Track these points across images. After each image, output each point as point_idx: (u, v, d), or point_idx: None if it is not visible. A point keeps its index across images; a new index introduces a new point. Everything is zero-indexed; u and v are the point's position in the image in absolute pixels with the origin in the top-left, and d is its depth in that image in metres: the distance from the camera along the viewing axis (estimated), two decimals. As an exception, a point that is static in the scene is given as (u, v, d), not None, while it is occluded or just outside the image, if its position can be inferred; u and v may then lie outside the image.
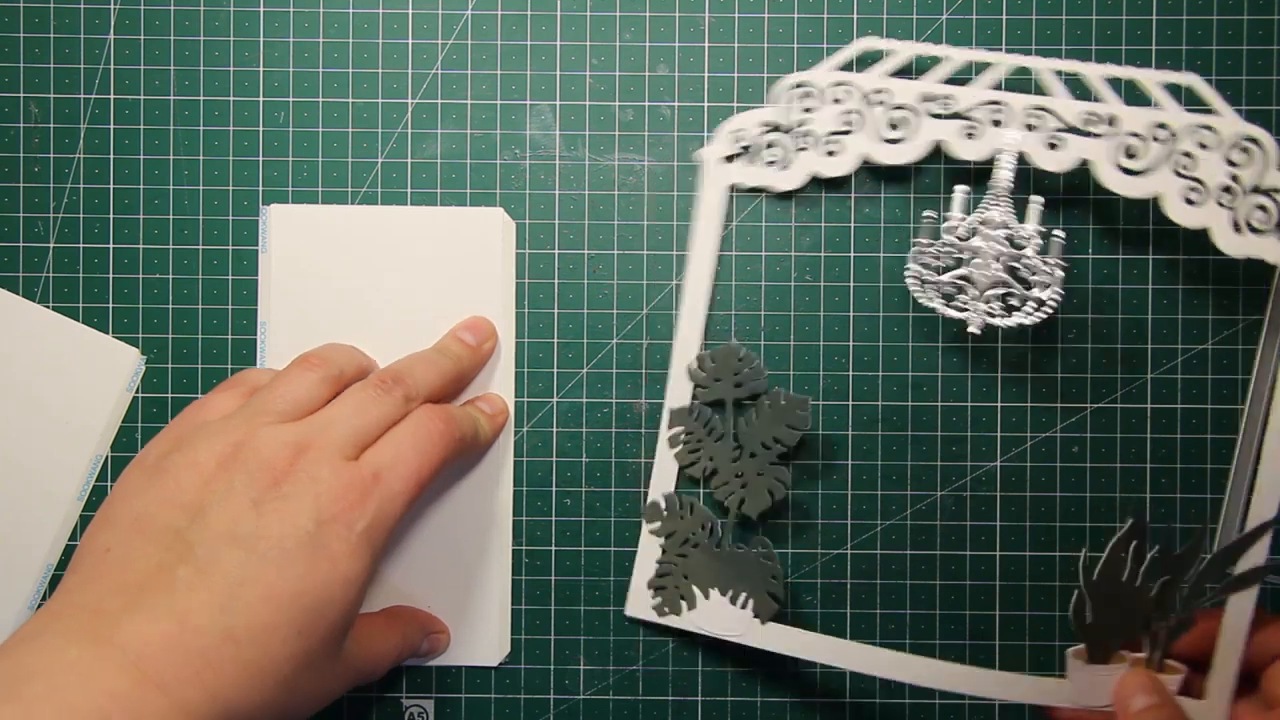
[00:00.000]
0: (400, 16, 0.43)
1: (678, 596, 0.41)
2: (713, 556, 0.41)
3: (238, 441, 0.35)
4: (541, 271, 0.43)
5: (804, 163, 0.39)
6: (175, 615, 0.31)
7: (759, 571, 0.41)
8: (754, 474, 0.41)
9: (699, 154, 0.39)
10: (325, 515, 0.34)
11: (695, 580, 0.41)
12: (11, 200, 0.43)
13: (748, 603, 0.41)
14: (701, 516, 0.42)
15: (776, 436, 0.41)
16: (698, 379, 0.42)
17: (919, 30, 0.43)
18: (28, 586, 0.43)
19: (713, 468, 0.42)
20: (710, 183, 0.40)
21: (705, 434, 0.42)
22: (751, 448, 0.41)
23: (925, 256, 0.40)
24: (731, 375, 0.41)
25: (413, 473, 0.36)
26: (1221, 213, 0.39)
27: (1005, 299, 0.40)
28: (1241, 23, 0.43)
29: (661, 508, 0.42)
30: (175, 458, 0.35)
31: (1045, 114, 0.39)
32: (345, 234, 0.43)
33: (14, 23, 0.43)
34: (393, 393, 0.38)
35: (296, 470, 0.34)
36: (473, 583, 0.43)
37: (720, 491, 0.42)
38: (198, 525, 0.33)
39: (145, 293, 0.43)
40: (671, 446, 0.42)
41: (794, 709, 0.43)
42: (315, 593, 0.33)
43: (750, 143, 0.39)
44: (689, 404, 0.42)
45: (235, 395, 0.38)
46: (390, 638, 0.40)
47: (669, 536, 0.42)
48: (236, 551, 0.33)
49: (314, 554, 0.33)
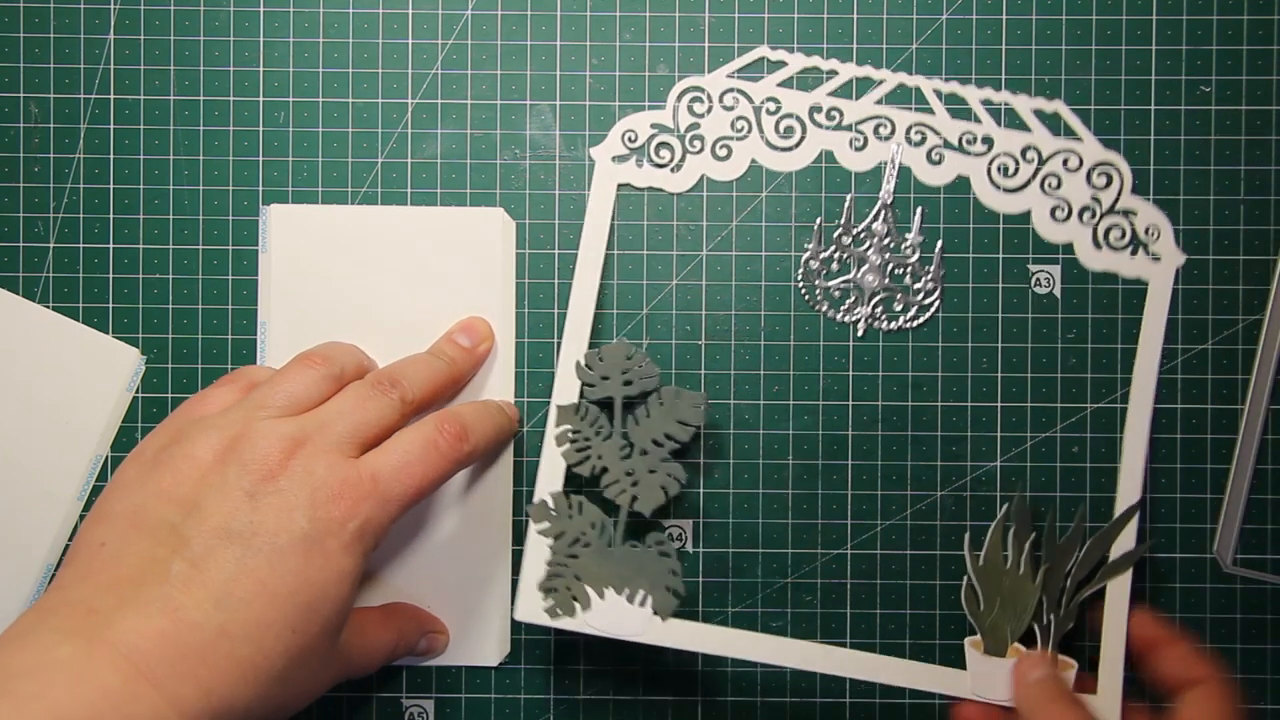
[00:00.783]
0: (400, 16, 0.43)
1: (570, 598, 0.41)
2: (605, 556, 0.41)
3: (235, 435, 0.35)
4: (541, 271, 0.43)
5: (694, 165, 0.40)
6: (169, 611, 0.31)
7: (656, 568, 0.40)
8: (645, 471, 0.41)
9: (591, 151, 0.40)
10: (320, 512, 0.34)
11: (588, 580, 0.41)
12: (11, 200, 0.43)
13: (646, 600, 0.40)
14: (591, 515, 0.41)
15: (668, 433, 0.41)
16: (585, 377, 0.41)
17: (919, 30, 0.43)
18: (28, 586, 0.43)
19: (602, 466, 0.41)
20: (599, 181, 0.41)
21: (593, 433, 0.41)
22: (642, 445, 0.41)
23: (814, 262, 0.42)
24: (620, 373, 0.41)
25: (414, 482, 0.36)
26: (1084, 229, 0.42)
27: (889, 303, 0.42)
28: (1241, 23, 0.43)
29: (549, 507, 0.41)
30: (172, 451, 0.35)
31: (927, 130, 0.42)
32: (345, 234, 0.43)
33: (14, 23, 0.43)
34: (389, 394, 0.38)
35: (292, 464, 0.34)
36: (473, 583, 0.43)
37: (611, 490, 0.41)
38: (193, 519, 0.33)
39: (145, 293, 0.43)
40: (558, 445, 0.41)
41: (794, 709, 0.43)
42: (310, 589, 0.33)
43: (641, 143, 0.40)
44: (576, 402, 0.41)
45: (234, 390, 0.38)
46: (385, 633, 0.40)
47: (558, 537, 0.41)
48: (232, 547, 0.33)
49: (308, 550, 0.33)
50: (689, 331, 0.43)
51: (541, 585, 0.41)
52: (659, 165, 0.41)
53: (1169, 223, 0.42)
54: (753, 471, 0.43)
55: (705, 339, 0.43)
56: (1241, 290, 0.43)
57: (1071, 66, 0.43)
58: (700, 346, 0.43)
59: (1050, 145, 0.42)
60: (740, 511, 0.43)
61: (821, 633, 0.43)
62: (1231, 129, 0.43)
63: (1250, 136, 0.43)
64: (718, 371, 0.43)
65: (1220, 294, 0.43)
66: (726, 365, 0.43)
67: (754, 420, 0.43)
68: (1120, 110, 0.43)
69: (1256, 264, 0.43)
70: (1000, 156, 0.42)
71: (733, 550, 0.43)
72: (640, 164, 0.40)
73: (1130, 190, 0.42)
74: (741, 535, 0.43)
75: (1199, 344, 0.43)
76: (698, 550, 0.43)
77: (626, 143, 0.40)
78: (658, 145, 0.40)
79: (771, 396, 0.43)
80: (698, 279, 0.43)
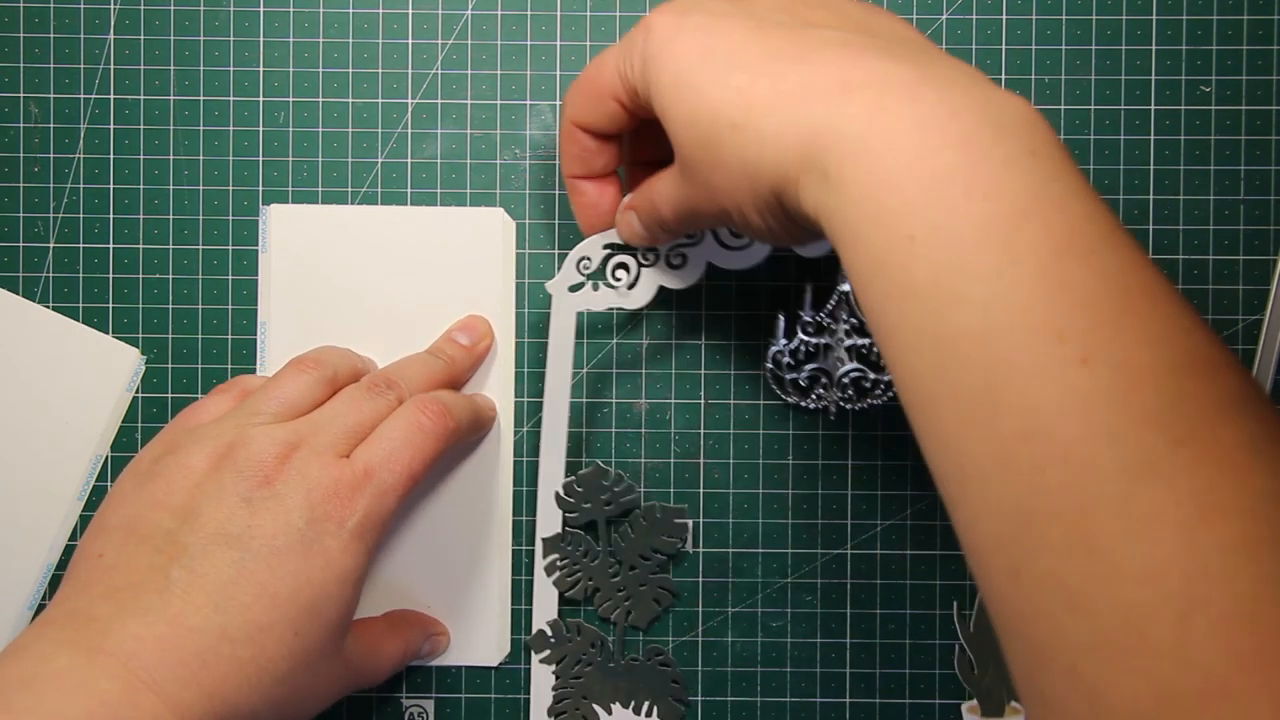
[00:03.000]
0: (400, 16, 0.43)
1: (580, 718, 0.42)
2: (608, 673, 0.42)
3: (229, 443, 0.35)
4: (541, 271, 0.43)
5: (650, 278, 0.40)
6: (168, 617, 0.31)
7: (659, 679, 0.42)
8: (637, 586, 0.42)
9: (547, 286, 0.40)
10: (317, 512, 0.34)
11: (595, 699, 0.42)
12: (11, 200, 0.43)
13: (653, 710, 0.42)
14: (590, 636, 0.42)
15: (655, 547, 0.42)
16: (566, 506, 0.42)
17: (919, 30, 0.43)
18: (28, 586, 0.43)
19: (594, 587, 0.42)
20: (558, 313, 0.40)
21: (581, 556, 0.42)
22: (631, 561, 0.42)
23: (781, 354, 0.41)
24: (600, 496, 0.42)
25: (404, 467, 0.36)
26: None
27: (858, 384, 0.41)
28: (1241, 23, 0.43)
29: (548, 635, 0.42)
30: (167, 460, 0.35)
31: None
32: (345, 234, 0.43)
33: (14, 23, 0.43)
34: (385, 395, 0.38)
35: (287, 468, 0.34)
36: (473, 583, 0.43)
37: (605, 608, 0.42)
38: (189, 526, 0.33)
39: (145, 293, 0.43)
40: (548, 574, 0.42)
41: (794, 709, 0.43)
42: (311, 590, 0.33)
43: (595, 268, 0.40)
44: (560, 531, 0.42)
45: (228, 399, 0.38)
46: (393, 643, 0.40)
47: (560, 661, 0.42)
48: (229, 550, 0.33)
49: (307, 551, 0.33)
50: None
51: (551, 710, 0.42)
52: (614, 285, 0.40)
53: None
54: (753, 471, 0.43)
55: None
56: (1241, 290, 0.43)
57: (1071, 66, 0.43)
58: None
59: None
60: (740, 511, 0.43)
61: (821, 633, 0.43)
62: (1231, 129, 0.43)
63: (1250, 136, 0.43)
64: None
65: (1220, 294, 0.43)
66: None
67: (754, 420, 0.43)
68: (1120, 110, 0.43)
69: (1256, 264, 0.43)
70: None
71: (733, 550, 0.43)
72: (597, 288, 0.40)
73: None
74: (741, 535, 0.43)
75: (1199, 344, 0.43)
76: (698, 550, 0.43)
77: (581, 270, 0.40)
78: (615, 266, 0.40)
79: (771, 397, 0.43)
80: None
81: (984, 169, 0.25)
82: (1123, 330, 0.24)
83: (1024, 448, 0.24)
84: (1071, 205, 0.25)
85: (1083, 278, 0.24)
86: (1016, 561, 0.24)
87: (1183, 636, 0.22)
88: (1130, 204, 0.43)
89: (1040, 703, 0.25)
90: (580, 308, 0.40)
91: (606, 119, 0.36)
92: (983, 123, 0.26)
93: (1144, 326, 0.24)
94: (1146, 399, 0.23)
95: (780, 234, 0.31)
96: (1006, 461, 0.24)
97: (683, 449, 0.43)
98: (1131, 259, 0.25)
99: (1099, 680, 0.23)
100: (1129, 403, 0.23)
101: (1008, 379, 0.24)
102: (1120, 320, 0.24)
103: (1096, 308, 0.24)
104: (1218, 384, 0.24)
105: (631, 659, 0.42)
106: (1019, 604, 0.24)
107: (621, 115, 0.35)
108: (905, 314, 0.26)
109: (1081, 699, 0.23)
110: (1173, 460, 0.23)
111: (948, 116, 0.26)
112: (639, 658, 0.42)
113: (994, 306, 0.25)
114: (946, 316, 0.25)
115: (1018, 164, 0.26)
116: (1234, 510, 0.22)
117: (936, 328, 0.25)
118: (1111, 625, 0.23)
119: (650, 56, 0.32)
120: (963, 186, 0.25)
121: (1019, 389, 0.24)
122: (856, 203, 0.27)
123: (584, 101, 0.36)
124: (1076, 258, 0.24)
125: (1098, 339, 0.24)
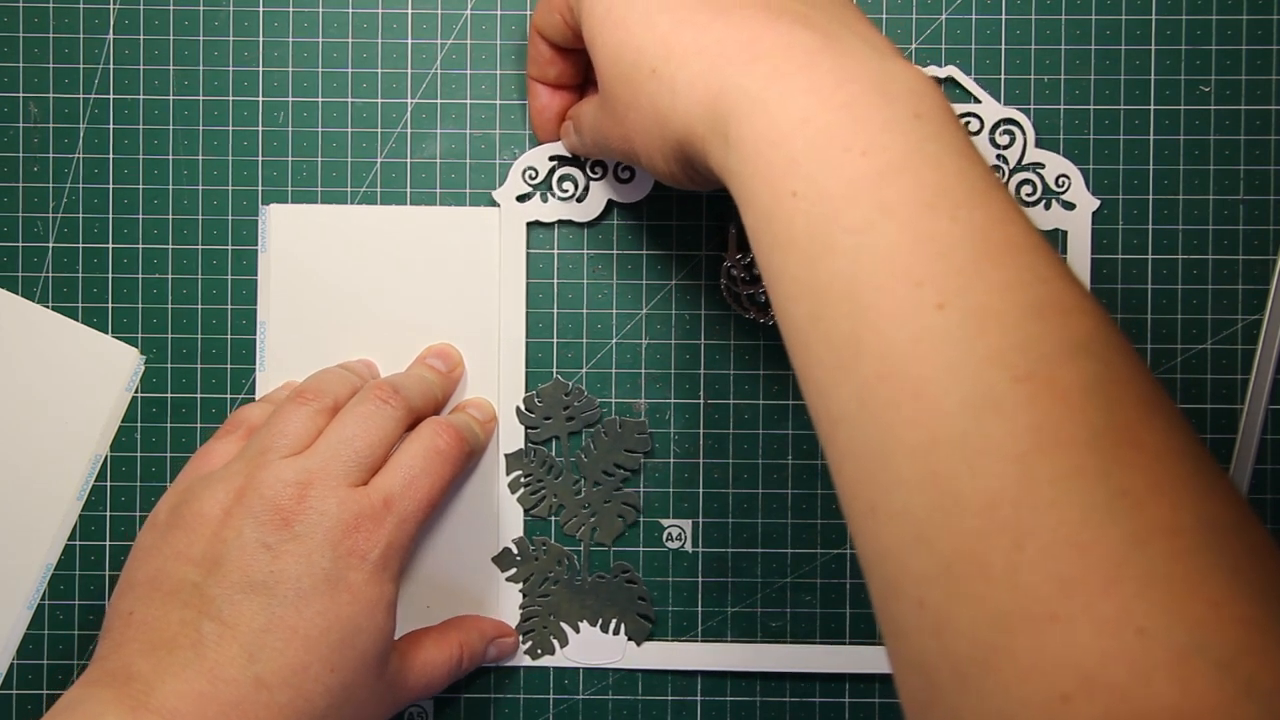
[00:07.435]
0: (400, 16, 0.43)
1: (548, 636, 0.42)
2: (575, 590, 0.42)
3: (240, 487, 0.35)
4: (541, 271, 0.43)
5: (600, 190, 0.40)
6: (205, 671, 0.32)
7: (625, 595, 0.42)
8: (601, 502, 0.42)
9: (494, 194, 0.40)
10: (340, 549, 0.34)
11: (562, 617, 0.42)
12: (11, 200, 0.43)
13: (620, 628, 0.42)
14: (557, 554, 0.42)
15: (617, 463, 0.42)
16: (527, 420, 0.42)
17: (919, 30, 0.43)
18: (27, 587, 0.43)
19: (558, 504, 0.42)
20: (508, 223, 0.41)
21: (545, 472, 0.42)
22: (594, 477, 0.42)
23: (735, 269, 0.41)
24: (561, 410, 0.42)
25: (424, 494, 0.36)
26: None
27: None
28: (1240, 22, 0.43)
29: (514, 553, 0.42)
30: (181, 511, 0.35)
31: None
32: (345, 234, 0.43)
33: (14, 23, 0.43)
34: (393, 403, 0.38)
35: (305, 507, 0.34)
36: (473, 583, 0.43)
37: (570, 525, 0.42)
38: (214, 577, 0.33)
39: (145, 293, 0.43)
40: (512, 491, 0.42)
41: (793, 709, 0.43)
42: (341, 626, 0.34)
43: (541, 179, 0.40)
44: (523, 446, 0.42)
45: (233, 440, 0.38)
46: (444, 650, 0.39)
47: (527, 579, 0.42)
48: (256, 598, 0.33)
49: (333, 588, 0.34)
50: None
51: (518, 628, 0.42)
52: (563, 198, 0.41)
53: (1077, 170, 0.42)
54: (753, 471, 0.43)
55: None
56: (1241, 290, 0.43)
57: (1071, 66, 0.43)
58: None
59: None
60: (740, 511, 0.43)
61: (821, 633, 0.43)
62: (1230, 129, 0.43)
63: (1250, 136, 0.43)
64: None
65: (1220, 294, 0.43)
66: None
67: (754, 420, 0.43)
68: (1120, 110, 0.43)
69: (1256, 264, 0.43)
70: None
71: (732, 550, 0.43)
72: (546, 200, 0.41)
73: (1034, 144, 0.42)
74: (741, 535, 0.43)
75: (1198, 344, 0.43)
76: (697, 550, 0.43)
77: (527, 180, 0.40)
78: (561, 178, 0.40)
79: (771, 396, 0.43)
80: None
81: (865, 129, 0.27)
82: (979, 277, 0.25)
83: (882, 387, 0.25)
84: (945, 161, 0.26)
85: (947, 229, 0.25)
86: (874, 499, 0.26)
87: (1014, 563, 0.23)
88: (1130, 204, 0.43)
89: (895, 635, 0.26)
90: (529, 218, 0.41)
91: (554, 30, 0.37)
92: (870, 89, 0.27)
93: (999, 274, 0.25)
94: (992, 340, 0.24)
95: (683, 180, 0.33)
96: (867, 401, 0.25)
97: (683, 449, 0.43)
98: (1001, 213, 0.26)
99: (941, 609, 0.24)
100: (976, 343, 0.24)
101: (871, 323, 0.25)
102: (977, 268, 0.25)
103: (956, 257, 0.25)
104: (1068, 327, 0.25)
105: (599, 576, 0.42)
106: (875, 541, 0.26)
107: (566, 31, 0.37)
108: (786, 265, 0.27)
109: (928, 629, 0.24)
110: (1012, 396, 0.24)
111: (838, 83, 0.27)
112: (605, 575, 0.42)
113: (863, 256, 0.26)
114: (821, 266, 0.26)
115: (899, 125, 0.27)
116: (1069, 443, 0.23)
117: (812, 277, 0.27)
118: (952, 555, 0.24)
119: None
120: (842, 144, 0.26)
121: (879, 332, 0.25)
122: (750, 160, 0.28)
123: (543, 8, 0.37)
124: (945, 211, 0.26)
125: (954, 285, 0.25)
